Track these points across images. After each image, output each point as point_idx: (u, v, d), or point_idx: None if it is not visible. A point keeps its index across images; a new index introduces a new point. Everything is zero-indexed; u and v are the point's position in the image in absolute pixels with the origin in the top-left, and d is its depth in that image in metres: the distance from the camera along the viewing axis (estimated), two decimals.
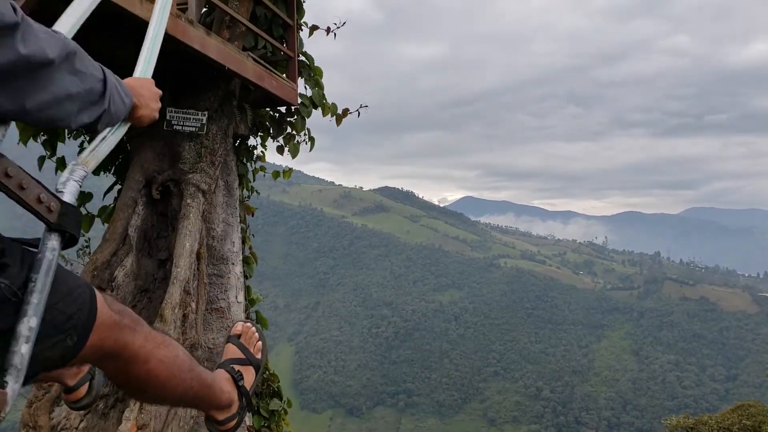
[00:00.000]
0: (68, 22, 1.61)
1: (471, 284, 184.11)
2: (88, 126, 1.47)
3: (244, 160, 5.97)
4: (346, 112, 6.16)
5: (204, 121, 4.83)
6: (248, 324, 2.54)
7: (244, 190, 6.06)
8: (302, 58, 5.85)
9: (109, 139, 1.67)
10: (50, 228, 1.42)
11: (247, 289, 5.87)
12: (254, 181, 6.24)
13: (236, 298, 5.30)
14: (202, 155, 4.86)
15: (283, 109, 5.98)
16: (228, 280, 5.23)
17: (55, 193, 1.46)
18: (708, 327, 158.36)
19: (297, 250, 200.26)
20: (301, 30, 5.89)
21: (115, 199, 5.35)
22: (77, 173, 1.57)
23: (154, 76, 1.86)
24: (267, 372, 5.87)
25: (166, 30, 1.92)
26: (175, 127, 4.78)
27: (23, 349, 1.30)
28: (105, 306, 1.58)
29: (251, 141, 5.97)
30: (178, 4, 4.71)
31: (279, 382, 5.88)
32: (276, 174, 6.66)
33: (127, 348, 1.66)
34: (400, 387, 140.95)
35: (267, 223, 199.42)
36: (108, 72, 1.49)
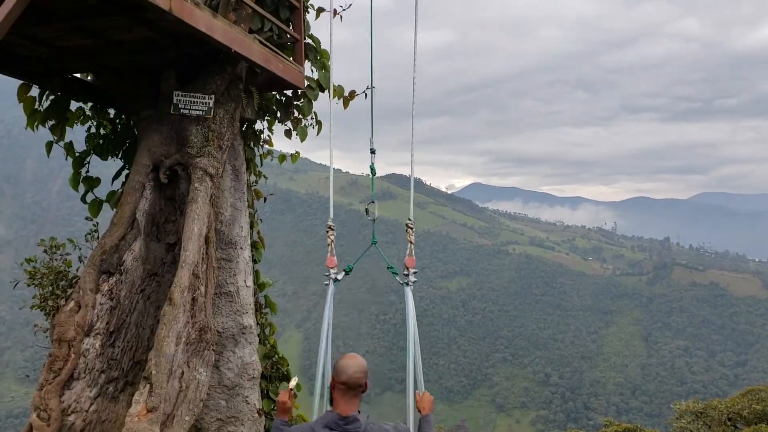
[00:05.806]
0: None
1: (479, 271, 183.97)
2: None
3: (251, 145, 5.94)
4: (353, 94, 6.12)
5: (211, 105, 4.79)
6: None
7: (252, 174, 6.03)
8: (309, 40, 5.80)
9: None
10: None
11: (256, 274, 5.86)
12: (261, 165, 6.21)
13: (245, 282, 5.30)
14: (210, 139, 4.83)
15: (289, 92, 5.94)
16: (236, 264, 5.23)
17: None
18: (717, 312, 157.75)
19: (304, 238, 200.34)
20: (308, 12, 5.84)
21: (123, 183, 5.34)
22: None
23: (158, 62, 1.82)
24: (276, 356, 5.88)
25: (173, 12, 1.86)
26: (182, 110, 4.75)
27: None
28: None
29: (258, 125, 5.93)
30: None
31: (288, 365, 5.89)
32: (282, 158, 6.64)
33: None
34: None
35: (275, 210, 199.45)
36: None
